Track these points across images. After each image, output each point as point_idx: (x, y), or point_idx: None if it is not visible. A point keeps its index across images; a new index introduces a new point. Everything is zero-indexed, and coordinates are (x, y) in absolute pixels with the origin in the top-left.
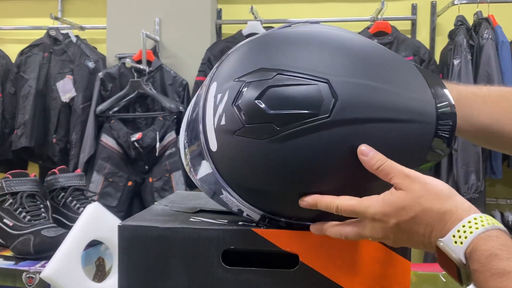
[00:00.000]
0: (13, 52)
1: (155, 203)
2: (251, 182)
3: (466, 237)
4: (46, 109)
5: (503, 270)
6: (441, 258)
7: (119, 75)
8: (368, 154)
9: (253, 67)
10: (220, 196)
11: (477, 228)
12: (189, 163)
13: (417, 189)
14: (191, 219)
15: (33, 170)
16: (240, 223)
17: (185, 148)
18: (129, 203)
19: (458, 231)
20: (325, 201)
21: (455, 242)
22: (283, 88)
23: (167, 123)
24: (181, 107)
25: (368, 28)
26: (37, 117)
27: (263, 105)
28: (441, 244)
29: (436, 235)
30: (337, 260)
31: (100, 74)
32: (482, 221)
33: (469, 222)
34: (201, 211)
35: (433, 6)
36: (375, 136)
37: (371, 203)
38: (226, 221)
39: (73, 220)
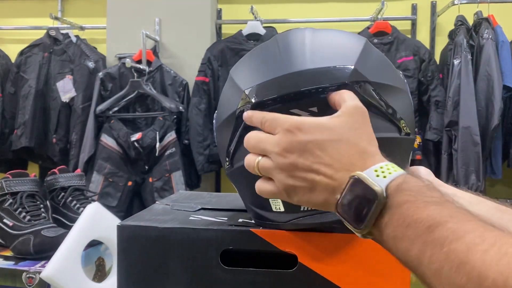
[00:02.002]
0: (13, 52)
1: (156, 202)
2: None
3: (390, 173)
4: (46, 109)
5: (439, 198)
6: (347, 202)
7: (119, 75)
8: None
9: None
10: None
11: (395, 170)
12: None
13: (354, 117)
14: (191, 218)
15: (33, 170)
16: (240, 220)
17: None
18: (129, 203)
19: (381, 167)
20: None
21: (377, 176)
22: None
23: (167, 123)
24: (181, 107)
25: (368, 28)
26: (37, 117)
27: None
28: (362, 175)
29: (355, 169)
30: (335, 261)
31: (100, 74)
32: (394, 168)
33: (392, 165)
34: (202, 209)
35: (433, 6)
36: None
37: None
38: (226, 218)
39: (73, 220)
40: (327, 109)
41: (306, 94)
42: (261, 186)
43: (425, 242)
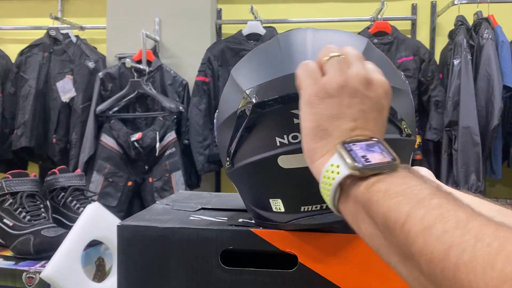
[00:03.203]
0: (13, 52)
1: (156, 202)
2: None
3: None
4: (46, 109)
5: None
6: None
7: (119, 75)
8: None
9: None
10: None
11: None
12: None
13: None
14: (191, 218)
15: (33, 170)
16: (240, 220)
17: None
18: (129, 203)
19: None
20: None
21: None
22: None
23: (167, 123)
24: (181, 107)
25: (368, 28)
26: (37, 117)
27: None
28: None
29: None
30: (335, 261)
31: (100, 74)
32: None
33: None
34: (202, 209)
35: (433, 6)
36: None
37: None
38: (226, 218)
39: (73, 220)
40: None
41: None
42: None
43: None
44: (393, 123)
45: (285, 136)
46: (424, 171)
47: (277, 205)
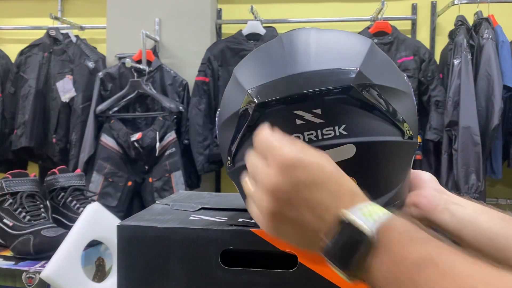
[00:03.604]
0: (13, 52)
1: (156, 202)
2: None
3: (377, 214)
4: (46, 109)
5: (426, 237)
6: (333, 244)
7: (119, 75)
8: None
9: None
10: None
11: (388, 213)
12: None
13: (335, 169)
14: (191, 218)
15: (33, 170)
16: (240, 220)
17: None
18: (129, 203)
19: (368, 208)
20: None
21: (364, 215)
22: None
23: (167, 123)
24: (181, 107)
25: (368, 28)
26: (37, 117)
27: None
28: (351, 216)
29: (342, 206)
30: None
31: (100, 74)
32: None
33: (378, 206)
34: (202, 209)
35: (433, 6)
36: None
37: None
38: (226, 218)
39: (73, 220)
40: (331, 111)
41: (309, 96)
42: (251, 208)
43: (414, 282)
44: (395, 125)
45: None
46: (427, 177)
47: None
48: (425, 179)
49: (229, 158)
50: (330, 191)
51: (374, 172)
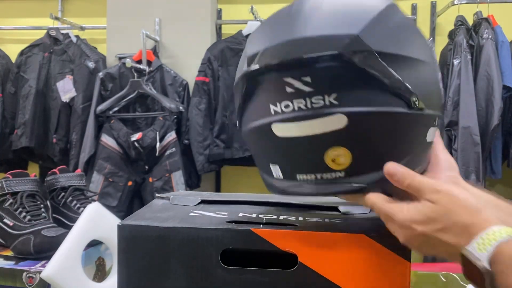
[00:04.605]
0: (13, 52)
1: (157, 195)
2: None
3: (490, 244)
4: (46, 109)
5: None
6: (467, 269)
7: (119, 75)
8: (396, 174)
9: None
10: None
11: (500, 237)
12: None
13: (447, 203)
14: (191, 214)
15: (33, 170)
16: (241, 215)
17: None
18: (129, 203)
19: (482, 238)
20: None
21: (479, 250)
22: None
23: (167, 123)
24: (181, 107)
25: None
26: (37, 117)
27: None
28: (466, 252)
29: (462, 244)
30: (335, 261)
31: (100, 74)
32: (506, 231)
33: (493, 231)
34: (202, 203)
35: (433, 6)
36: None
37: (400, 210)
38: (226, 213)
39: (73, 220)
40: (321, 79)
41: (299, 63)
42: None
43: None
44: (397, 95)
45: (278, 104)
46: (445, 163)
47: (277, 171)
48: (442, 165)
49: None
50: (449, 233)
51: (369, 144)
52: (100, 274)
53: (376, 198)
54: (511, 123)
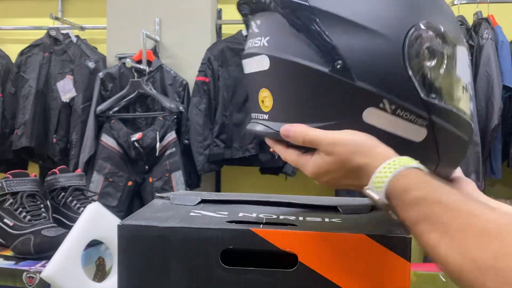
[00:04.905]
0: (13, 52)
1: (157, 194)
2: None
3: (383, 182)
4: (46, 109)
5: (415, 198)
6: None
7: (119, 75)
8: (289, 133)
9: None
10: None
11: (390, 172)
12: None
13: (342, 151)
14: (191, 214)
15: (33, 170)
16: (241, 214)
17: None
18: (129, 203)
19: (377, 177)
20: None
21: (376, 188)
22: None
23: (167, 123)
24: (181, 107)
25: None
26: (37, 117)
27: None
28: (367, 192)
29: (363, 185)
30: (336, 261)
31: (100, 74)
32: (394, 164)
33: (384, 167)
34: (202, 203)
35: None
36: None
37: (305, 163)
38: (226, 213)
39: (73, 220)
40: (264, 23)
41: (255, 7)
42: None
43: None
44: (324, 54)
45: (247, 42)
46: (466, 181)
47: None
48: (464, 185)
49: None
50: (351, 178)
51: (288, 92)
52: (100, 274)
53: (289, 155)
54: (511, 123)
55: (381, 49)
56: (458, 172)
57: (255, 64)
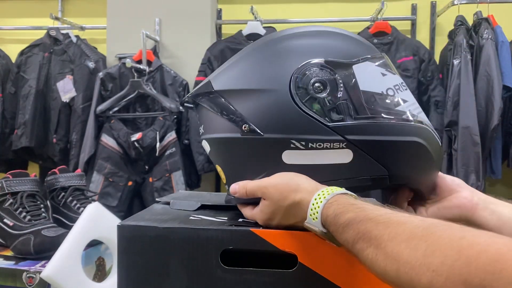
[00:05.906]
0: (13, 52)
1: (157, 199)
2: None
3: (317, 212)
4: (46, 109)
5: (347, 221)
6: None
7: (119, 75)
8: (235, 190)
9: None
10: None
11: (321, 202)
12: None
13: (273, 193)
14: (191, 218)
15: (33, 170)
16: (240, 220)
17: None
18: (129, 203)
19: (311, 209)
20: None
21: (313, 219)
22: None
23: (167, 123)
24: (181, 107)
25: (368, 28)
26: (37, 117)
27: None
28: (307, 225)
29: (303, 220)
30: (335, 261)
31: (100, 74)
32: (323, 194)
33: (315, 199)
34: (202, 208)
35: (433, 6)
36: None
37: (255, 213)
38: (226, 218)
39: (73, 220)
40: (198, 114)
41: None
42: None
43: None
44: (235, 123)
45: None
46: (459, 180)
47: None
48: (459, 182)
49: None
50: (291, 216)
51: (227, 163)
52: (100, 274)
53: (246, 211)
54: (511, 123)
55: (274, 101)
56: (457, 181)
57: (205, 148)
